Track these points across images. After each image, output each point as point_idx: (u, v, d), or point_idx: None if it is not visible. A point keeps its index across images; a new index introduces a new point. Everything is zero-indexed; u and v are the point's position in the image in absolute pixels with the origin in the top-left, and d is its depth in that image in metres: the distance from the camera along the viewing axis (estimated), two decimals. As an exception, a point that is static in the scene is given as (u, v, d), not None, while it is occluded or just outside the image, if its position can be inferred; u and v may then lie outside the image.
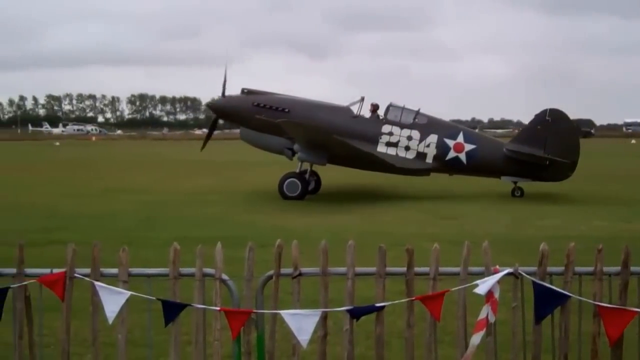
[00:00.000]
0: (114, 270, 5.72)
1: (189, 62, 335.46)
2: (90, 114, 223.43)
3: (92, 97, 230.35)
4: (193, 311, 5.69)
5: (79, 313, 5.92)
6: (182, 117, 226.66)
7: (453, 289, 5.78)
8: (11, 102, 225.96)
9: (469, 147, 27.08)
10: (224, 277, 5.72)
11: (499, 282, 5.73)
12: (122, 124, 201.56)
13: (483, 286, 5.67)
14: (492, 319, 5.73)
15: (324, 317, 5.69)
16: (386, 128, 27.33)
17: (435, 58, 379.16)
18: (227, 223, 19.45)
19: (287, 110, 27.17)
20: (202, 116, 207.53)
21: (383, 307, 5.78)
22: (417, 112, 27.72)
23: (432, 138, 27.14)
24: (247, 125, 27.61)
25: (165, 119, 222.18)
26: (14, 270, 5.75)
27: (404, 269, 5.85)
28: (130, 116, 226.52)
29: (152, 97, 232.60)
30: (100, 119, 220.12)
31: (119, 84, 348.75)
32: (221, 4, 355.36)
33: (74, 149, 76.18)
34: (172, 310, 5.63)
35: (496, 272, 5.75)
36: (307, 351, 5.80)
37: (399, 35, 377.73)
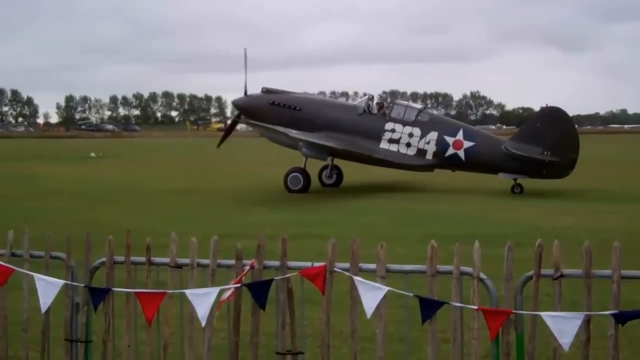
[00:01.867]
0: (372, 266, 5.88)
1: (439, 58, 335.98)
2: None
3: (344, 94, 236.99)
4: (450, 309, 5.72)
5: (337, 306, 6.13)
6: (434, 112, 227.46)
7: None
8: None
9: (467, 144, 27.88)
10: (482, 275, 5.70)
11: None
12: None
13: None
14: None
15: (587, 321, 5.53)
16: (389, 125, 28.79)
17: None
18: (484, 220, 19.32)
19: (298, 108, 29.39)
20: (453, 112, 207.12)
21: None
22: (420, 110, 29.54)
23: (432, 135, 28.29)
24: (264, 122, 29.10)
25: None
26: (277, 263, 6.07)
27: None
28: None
29: (403, 94, 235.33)
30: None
31: (370, 82, 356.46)
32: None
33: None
34: (429, 307, 5.69)
35: None
36: (568, 354, 5.66)
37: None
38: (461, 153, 27.90)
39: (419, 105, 30.87)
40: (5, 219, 18.87)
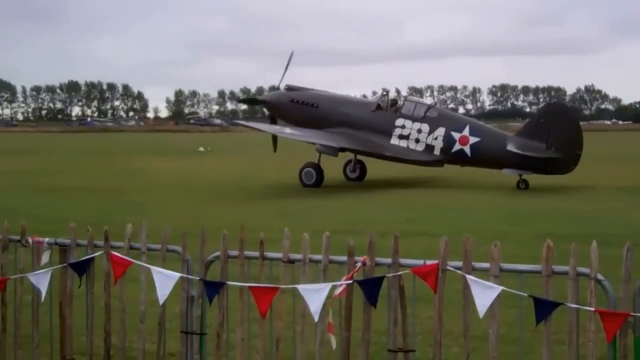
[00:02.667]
0: (485, 265, 5.88)
1: (552, 50, 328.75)
2: (451, 106, 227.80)
3: (453, 88, 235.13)
4: (565, 310, 5.68)
5: (448, 305, 6.15)
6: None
7: None
8: (374, 94, 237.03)
9: (473, 139, 28.36)
10: (600, 276, 5.64)
11: None
12: (482, 115, 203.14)
13: None
14: None
15: None
16: (399, 121, 29.60)
17: None
18: (600, 220, 18.91)
19: (315, 105, 30.79)
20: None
21: None
22: (429, 106, 30.24)
23: (440, 131, 28.94)
24: (285, 119, 31.48)
25: (527, 109, 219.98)
26: (389, 260, 6.13)
27: None
28: (490, 107, 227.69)
29: (514, 88, 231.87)
30: (461, 110, 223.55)
31: (479, 75, 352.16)
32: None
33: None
34: (544, 308, 5.66)
35: None
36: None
37: None
38: (467, 148, 28.50)
39: (429, 102, 32.27)
40: (118, 212, 19.54)
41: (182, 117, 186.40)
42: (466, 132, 28.63)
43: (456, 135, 28.67)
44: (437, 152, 29.03)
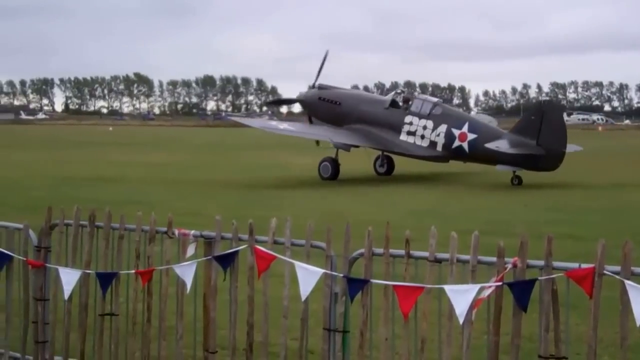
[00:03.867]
0: (643, 269, 5.68)
1: None
2: (596, 102, 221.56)
3: (598, 84, 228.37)
4: None
5: (602, 312, 5.96)
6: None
7: None
8: (514, 90, 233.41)
9: (471, 136, 29.70)
10: None
11: None
12: (630, 112, 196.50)
13: None
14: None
15: None
16: (408, 118, 31.43)
17: None
18: None
19: (339, 103, 33.03)
20: None
21: None
22: (435, 104, 31.91)
23: (442, 128, 30.54)
24: (316, 116, 33.78)
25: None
26: (541, 262, 5.99)
27: None
28: (638, 104, 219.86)
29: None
30: (607, 107, 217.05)
31: (627, 71, 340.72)
32: None
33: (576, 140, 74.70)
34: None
35: None
36: None
37: None
38: (465, 145, 29.89)
39: (434, 99, 33.68)
40: (257, 207, 19.91)
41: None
42: (465, 128, 30.15)
43: (456, 132, 30.23)
44: (439, 148, 30.66)
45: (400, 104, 32.49)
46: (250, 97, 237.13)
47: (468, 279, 6.15)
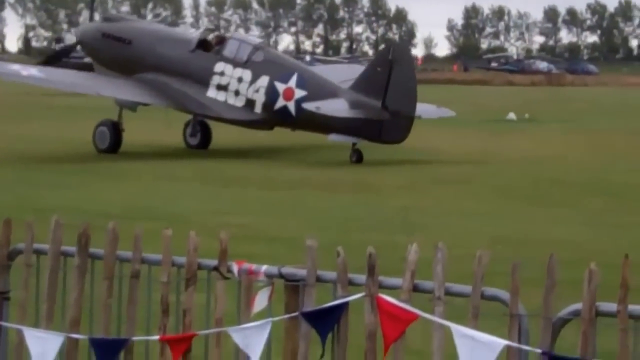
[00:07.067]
0: None
1: None
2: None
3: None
4: None
5: None
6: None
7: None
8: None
9: (299, 93, 22.87)
10: None
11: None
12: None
13: None
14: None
15: None
16: (219, 67, 23.91)
17: None
18: None
19: (129, 41, 25.02)
20: None
21: None
22: (255, 46, 24.51)
23: (263, 81, 23.36)
24: (98, 61, 25.88)
25: None
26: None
27: None
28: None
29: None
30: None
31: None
32: None
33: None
34: None
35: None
36: None
37: None
38: (292, 105, 22.97)
39: (256, 40, 27.07)
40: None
41: (478, 59, 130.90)
42: (292, 82, 23.18)
43: (280, 87, 23.23)
44: (258, 109, 23.57)
45: (213, 45, 24.92)
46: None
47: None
